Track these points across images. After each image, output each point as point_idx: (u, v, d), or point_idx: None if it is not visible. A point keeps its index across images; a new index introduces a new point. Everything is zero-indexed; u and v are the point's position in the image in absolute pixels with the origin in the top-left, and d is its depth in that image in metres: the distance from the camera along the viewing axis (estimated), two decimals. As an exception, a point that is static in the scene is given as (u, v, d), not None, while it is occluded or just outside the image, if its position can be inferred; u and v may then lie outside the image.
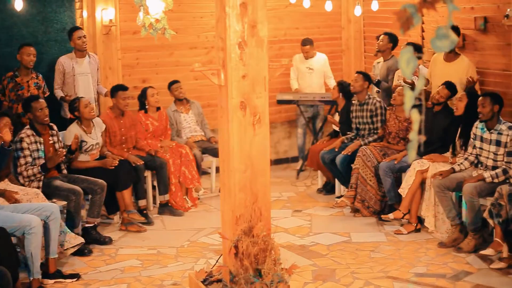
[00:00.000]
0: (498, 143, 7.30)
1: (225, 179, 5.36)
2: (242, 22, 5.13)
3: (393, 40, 9.79)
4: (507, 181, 7.26)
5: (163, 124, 9.54)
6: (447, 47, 2.63)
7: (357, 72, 9.51)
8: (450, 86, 8.22)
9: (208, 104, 10.47)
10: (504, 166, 7.26)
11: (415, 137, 2.63)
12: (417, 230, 8.05)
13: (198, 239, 8.06)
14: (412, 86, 8.29)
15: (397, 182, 8.46)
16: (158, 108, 9.54)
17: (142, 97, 9.49)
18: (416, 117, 2.60)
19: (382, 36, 9.89)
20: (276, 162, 11.73)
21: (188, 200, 9.31)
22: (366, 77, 9.34)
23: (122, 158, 8.55)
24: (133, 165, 8.62)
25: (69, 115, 8.84)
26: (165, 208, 9.03)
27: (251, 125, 5.20)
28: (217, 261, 5.84)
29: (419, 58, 8.38)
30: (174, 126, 9.79)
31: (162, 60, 10.65)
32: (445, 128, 8.15)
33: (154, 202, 9.22)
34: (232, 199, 5.24)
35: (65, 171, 7.99)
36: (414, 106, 2.55)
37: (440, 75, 8.58)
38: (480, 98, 7.41)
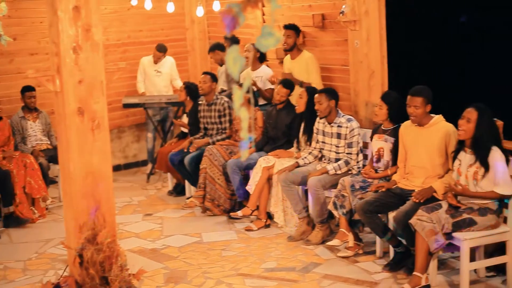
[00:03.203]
0: (338, 135, 7.53)
1: (67, 187, 5.24)
2: (75, 26, 5.03)
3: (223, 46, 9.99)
4: (350, 172, 7.50)
5: (5, 134, 9.21)
6: (272, 45, 2.66)
7: (204, 73, 9.46)
8: (286, 84, 8.41)
9: (52, 111, 10.20)
10: (345, 158, 7.50)
11: (246, 135, 2.65)
12: (267, 226, 8.17)
13: (46, 251, 7.84)
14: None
15: (246, 179, 8.55)
16: (0, 118, 9.20)
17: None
18: (244, 116, 2.62)
19: (211, 54, 10.26)
20: (126, 166, 11.62)
21: (35, 210, 9.03)
22: (214, 77, 9.36)
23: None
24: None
25: None
26: (11, 220, 8.71)
27: (90, 130, 5.11)
28: (63, 271, 5.71)
29: (263, 59, 8.39)
30: (20, 133, 9.48)
31: (1, 68, 10.27)
32: (289, 124, 8.33)
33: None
34: (74, 207, 5.13)
35: None
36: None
37: (288, 72, 8.79)
38: (316, 95, 7.61)
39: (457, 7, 9.36)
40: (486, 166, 5.83)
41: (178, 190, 9.83)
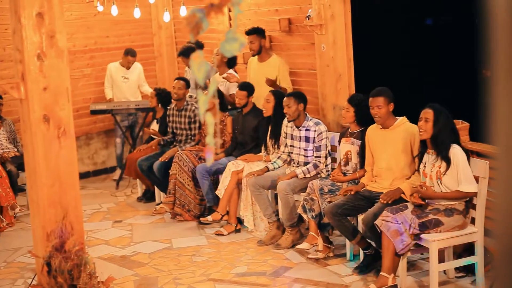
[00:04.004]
0: (307, 139, 7.54)
1: (33, 195, 5.19)
2: (39, 32, 4.98)
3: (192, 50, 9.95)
4: (319, 175, 7.52)
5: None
6: (236, 50, 2.65)
7: (178, 79, 9.40)
8: (243, 87, 8.41)
9: (18, 119, 10.09)
10: (314, 161, 7.52)
11: (212, 140, 2.64)
12: (237, 231, 8.16)
13: (15, 259, 7.76)
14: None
15: (216, 184, 8.53)
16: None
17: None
18: (210, 121, 2.61)
19: (181, 58, 10.19)
20: (95, 173, 11.55)
21: (3, 219, 8.94)
22: (188, 84, 9.33)
23: None
24: None
25: None
26: (-21, 230, 8.64)
27: (56, 138, 5.06)
28: (32, 280, 5.65)
29: (234, 64, 8.33)
30: (-16, 140, 9.42)
31: (-34, 75, 10.18)
32: (255, 128, 8.33)
33: (-34, 225, 8.79)
34: (41, 215, 5.08)
35: None
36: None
37: (255, 74, 8.81)
38: (285, 99, 7.62)
39: (423, 9, 9.44)
40: (447, 161, 5.86)
41: (148, 196, 9.79)
